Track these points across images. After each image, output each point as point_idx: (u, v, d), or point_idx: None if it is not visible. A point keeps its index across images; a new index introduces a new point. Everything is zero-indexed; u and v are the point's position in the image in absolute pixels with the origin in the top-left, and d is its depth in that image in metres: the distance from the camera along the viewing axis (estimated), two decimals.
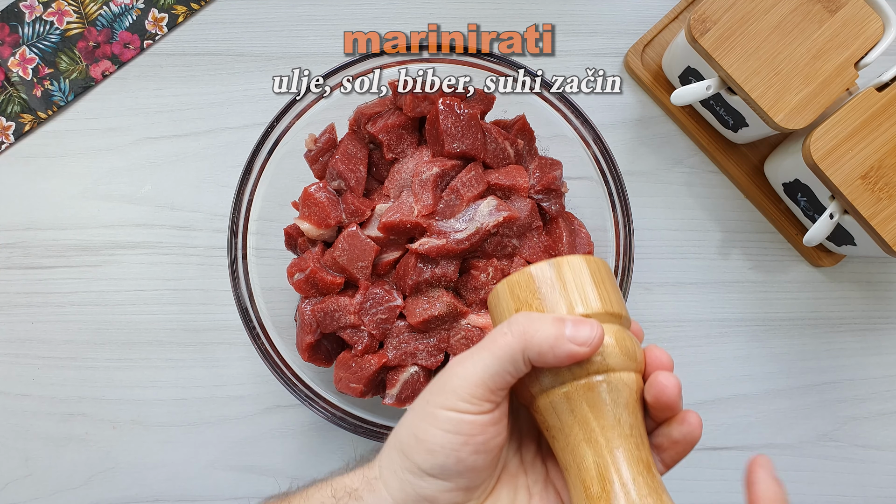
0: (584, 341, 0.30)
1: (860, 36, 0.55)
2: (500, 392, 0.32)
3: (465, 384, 0.31)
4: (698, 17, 0.55)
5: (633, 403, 0.32)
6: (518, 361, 0.31)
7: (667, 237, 0.65)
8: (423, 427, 0.32)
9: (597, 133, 0.53)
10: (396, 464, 0.33)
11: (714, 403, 0.64)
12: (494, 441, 0.32)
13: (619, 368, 0.32)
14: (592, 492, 0.31)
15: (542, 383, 0.32)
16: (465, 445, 0.31)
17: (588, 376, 0.31)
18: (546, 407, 0.32)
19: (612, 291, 0.34)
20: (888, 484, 0.63)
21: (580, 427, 0.32)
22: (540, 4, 0.67)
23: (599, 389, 0.31)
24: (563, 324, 0.31)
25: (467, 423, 0.31)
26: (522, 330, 0.31)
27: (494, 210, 0.50)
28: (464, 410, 0.31)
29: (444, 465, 0.31)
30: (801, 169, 0.57)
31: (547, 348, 0.30)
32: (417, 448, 0.32)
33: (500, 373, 0.31)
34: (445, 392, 0.31)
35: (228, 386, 0.63)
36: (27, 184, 0.65)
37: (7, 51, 0.66)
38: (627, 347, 0.32)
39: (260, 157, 0.53)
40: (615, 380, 0.32)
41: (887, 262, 0.66)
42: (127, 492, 0.62)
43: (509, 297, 0.34)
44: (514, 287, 0.34)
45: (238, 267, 0.53)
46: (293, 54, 0.66)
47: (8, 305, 0.64)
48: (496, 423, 0.32)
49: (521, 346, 0.31)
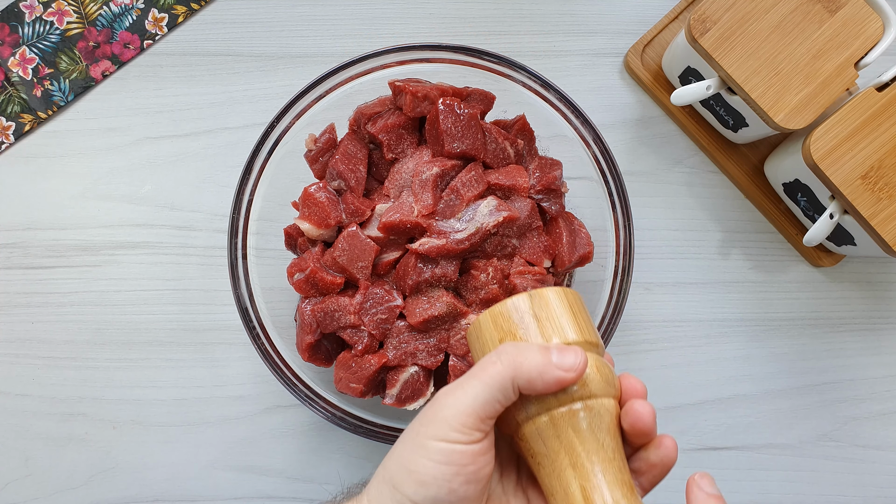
0: (571, 367, 0.31)
1: (860, 36, 0.55)
2: (490, 421, 0.32)
3: (457, 414, 0.31)
4: (698, 17, 0.55)
5: (613, 428, 0.33)
6: (508, 389, 0.32)
7: (667, 237, 0.65)
8: (414, 459, 0.32)
9: (597, 133, 0.53)
10: (386, 497, 0.32)
11: (714, 403, 0.64)
12: (484, 471, 0.32)
13: (601, 394, 0.33)
14: None
15: (529, 411, 0.33)
16: (457, 476, 0.31)
17: (572, 402, 0.33)
18: (532, 434, 0.33)
19: (587, 322, 0.36)
20: (888, 484, 0.63)
21: (566, 452, 0.32)
22: (540, 4, 0.67)
23: (583, 415, 0.33)
24: (549, 352, 0.32)
25: (458, 454, 0.31)
26: (511, 359, 0.32)
27: (494, 210, 0.50)
28: (455, 440, 0.31)
29: (437, 496, 0.31)
30: (801, 169, 0.57)
31: (536, 375, 0.31)
32: (408, 480, 0.32)
33: (491, 401, 0.32)
34: (436, 422, 0.32)
35: (228, 386, 0.63)
36: (27, 184, 0.65)
37: (7, 51, 0.66)
38: (606, 374, 0.34)
39: (260, 157, 0.53)
40: (597, 406, 0.33)
41: (887, 262, 0.66)
42: (127, 492, 0.62)
43: (492, 328, 0.35)
44: (497, 318, 0.35)
45: (238, 267, 0.53)
46: (293, 54, 0.66)
47: (8, 305, 0.64)
48: (486, 453, 0.32)
49: (511, 375, 0.31)
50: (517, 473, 0.37)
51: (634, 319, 0.64)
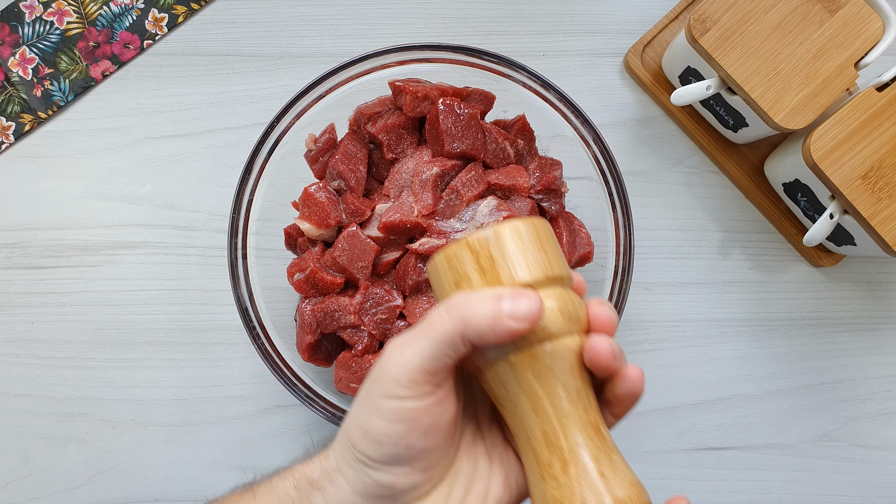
0: (524, 316, 0.30)
1: (860, 36, 0.55)
2: (441, 374, 0.31)
3: (404, 370, 0.30)
4: (698, 17, 0.55)
5: (577, 366, 0.32)
6: (457, 344, 0.30)
7: (667, 237, 0.65)
8: (368, 419, 0.31)
9: (597, 133, 0.53)
10: (349, 455, 0.32)
11: (714, 403, 0.64)
12: (443, 419, 0.31)
13: (563, 334, 0.31)
14: (542, 459, 0.31)
15: (487, 356, 0.32)
16: (412, 431, 0.31)
17: (531, 346, 0.31)
18: (492, 378, 0.32)
19: (553, 253, 0.33)
20: (888, 484, 0.63)
21: (527, 397, 0.31)
22: (540, 4, 0.67)
23: (544, 357, 0.31)
24: (499, 301, 0.30)
25: (411, 410, 0.30)
26: (460, 313, 0.30)
27: (494, 210, 0.50)
28: (405, 397, 0.30)
29: (395, 453, 0.31)
30: (801, 169, 0.57)
31: (487, 329, 0.30)
32: (365, 440, 0.31)
33: (440, 356, 0.30)
34: (384, 380, 0.31)
35: (228, 386, 0.63)
36: (27, 184, 0.65)
37: (7, 51, 0.66)
38: (570, 311, 0.32)
39: (260, 157, 0.53)
40: (559, 346, 0.31)
41: (887, 262, 0.66)
42: (127, 492, 0.62)
43: (448, 271, 0.33)
44: (452, 260, 0.33)
45: (238, 267, 0.53)
46: (293, 54, 0.66)
47: (8, 305, 0.64)
48: (441, 403, 0.31)
49: (460, 330, 0.30)
50: (492, 407, 0.36)
51: (634, 319, 0.64)
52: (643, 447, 0.63)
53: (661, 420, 0.63)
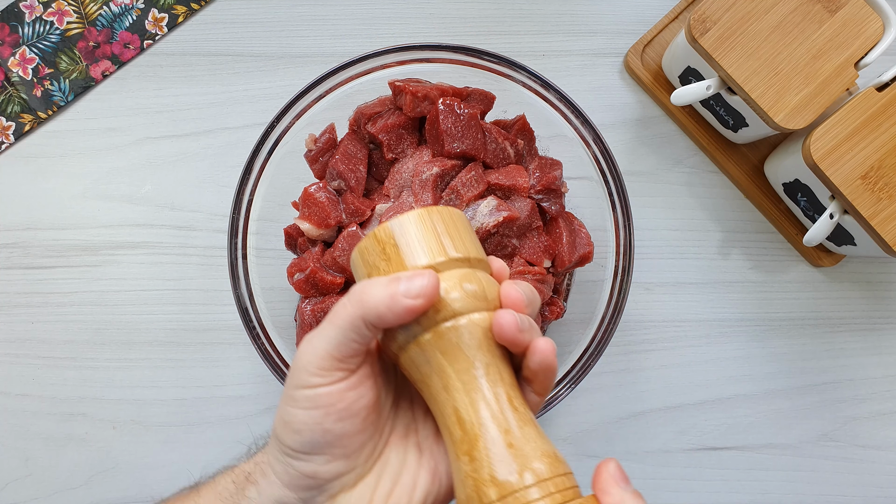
0: (419, 293, 0.31)
1: (860, 36, 0.55)
2: (351, 360, 0.32)
3: (313, 359, 0.32)
4: (698, 17, 0.55)
5: (487, 342, 0.32)
6: (360, 328, 0.32)
7: (667, 237, 0.65)
8: (287, 410, 0.33)
9: (597, 133, 0.53)
10: (275, 448, 0.34)
11: (714, 403, 0.64)
12: (358, 404, 0.32)
13: (468, 311, 0.32)
14: (455, 437, 0.31)
15: (398, 340, 0.33)
16: (327, 416, 0.32)
17: (436, 325, 0.32)
18: (407, 362, 0.33)
19: (459, 237, 0.34)
20: (888, 484, 0.63)
21: (437, 376, 0.32)
22: (540, 4, 0.67)
23: (449, 335, 0.32)
24: (397, 282, 0.31)
25: (323, 396, 0.32)
26: (358, 298, 0.32)
27: (494, 210, 0.50)
28: (316, 385, 0.32)
29: (312, 440, 0.32)
30: (801, 169, 0.57)
31: (384, 309, 0.31)
32: (286, 430, 0.33)
33: (345, 342, 0.32)
34: (297, 371, 0.32)
35: (228, 386, 0.63)
36: (27, 184, 0.65)
37: (7, 51, 0.66)
38: (474, 289, 0.32)
39: (260, 157, 0.53)
40: (465, 323, 0.32)
41: (887, 262, 0.66)
42: (127, 492, 0.62)
43: (361, 264, 0.34)
44: (364, 253, 0.34)
45: (238, 267, 0.53)
46: (293, 54, 0.66)
47: (8, 305, 0.64)
48: (354, 388, 0.32)
49: (360, 313, 0.31)
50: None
51: (634, 319, 0.64)
52: (643, 447, 0.63)
53: (661, 420, 0.63)
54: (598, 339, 0.52)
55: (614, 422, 0.63)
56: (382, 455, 0.34)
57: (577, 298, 0.59)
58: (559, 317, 0.56)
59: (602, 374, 0.63)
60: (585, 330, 0.54)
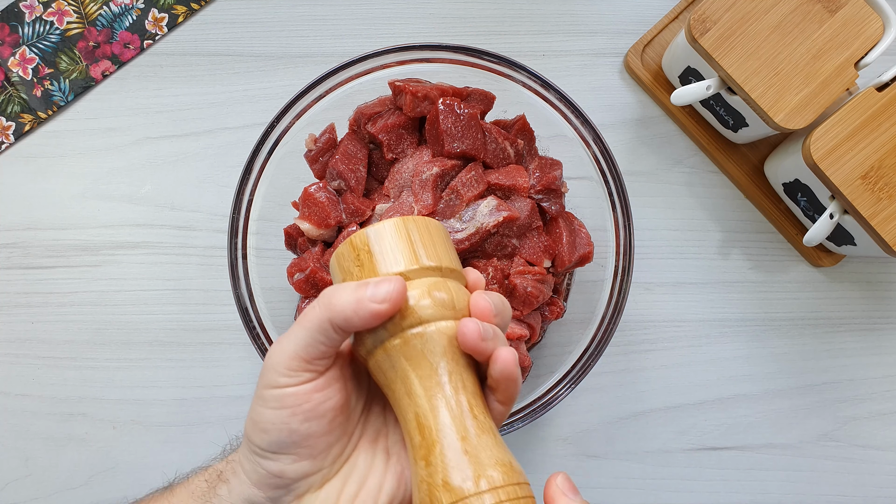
0: (384, 298, 0.31)
1: (860, 36, 0.55)
2: (319, 361, 0.33)
3: (282, 359, 0.33)
4: (698, 17, 0.55)
5: (452, 350, 0.33)
6: (328, 330, 0.32)
7: (667, 237, 0.65)
8: (256, 410, 0.33)
9: (597, 133, 0.53)
10: (245, 448, 0.35)
11: (714, 403, 0.64)
12: (324, 406, 0.33)
13: (434, 318, 0.32)
14: (415, 442, 0.32)
15: (366, 345, 0.33)
16: (293, 416, 0.32)
17: (402, 331, 0.32)
18: (374, 367, 0.34)
19: (433, 247, 0.35)
20: (888, 484, 0.63)
21: (401, 381, 0.33)
22: (540, 4, 0.67)
23: (415, 341, 0.32)
24: (364, 287, 0.32)
25: (290, 396, 0.32)
26: (326, 301, 0.32)
27: (494, 210, 0.50)
28: (283, 385, 0.33)
29: (279, 439, 0.33)
30: (801, 169, 0.57)
31: (351, 312, 0.31)
32: (254, 430, 0.33)
33: (313, 343, 0.32)
34: (267, 372, 0.33)
35: (228, 386, 0.63)
36: (27, 184, 0.65)
37: (7, 51, 0.66)
38: (443, 298, 0.33)
39: (260, 157, 0.53)
40: (431, 330, 0.32)
41: (887, 262, 0.66)
42: (127, 492, 0.62)
43: (337, 269, 0.35)
44: (340, 259, 0.35)
45: (238, 267, 0.53)
46: (293, 54, 0.66)
47: (8, 305, 0.64)
48: (321, 390, 0.33)
49: (327, 316, 0.32)
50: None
51: (634, 319, 0.64)
52: (643, 447, 0.63)
53: (661, 420, 0.63)
54: (598, 339, 0.52)
55: (614, 422, 0.63)
56: (351, 458, 0.35)
57: (577, 298, 0.59)
58: (559, 317, 0.56)
59: (602, 374, 0.63)
60: (585, 330, 0.54)
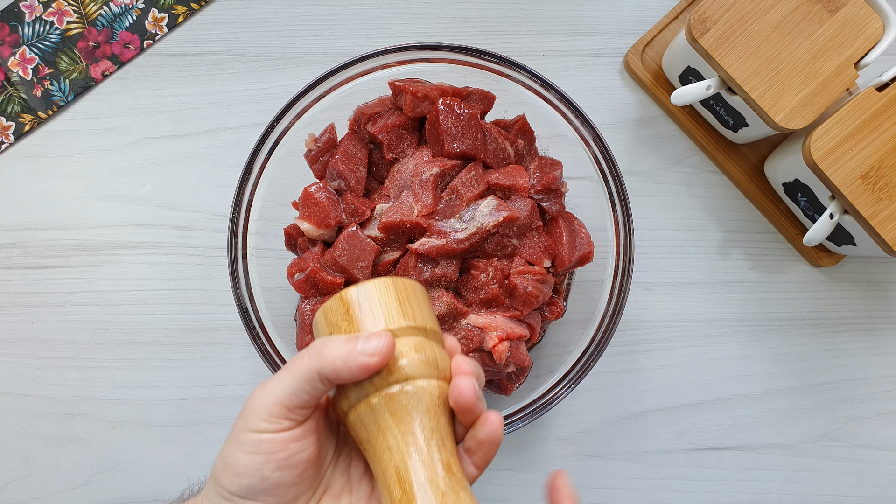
0: (374, 352, 0.32)
1: (860, 36, 0.55)
2: (300, 411, 0.33)
3: (264, 405, 0.33)
4: (698, 17, 0.55)
5: (434, 408, 0.34)
6: (315, 380, 0.33)
7: (667, 237, 0.65)
8: (230, 452, 0.33)
9: (597, 133, 0.53)
10: (212, 490, 0.34)
11: (714, 403, 0.64)
12: (298, 457, 0.33)
13: (419, 376, 0.33)
14: (394, 496, 0.32)
15: (350, 398, 0.34)
16: (267, 463, 0.33)
17: (388, 386, 0.33)
18: (355, 420, 0.34)
19: (418, 307, 0.36)
20: (888, 484, 0.63)
21: (383, 435, 0.33)
22: (540, 4, 0.67)
23: (400, 397, 0.33)
24: (355, 340, 0.33)
25: (267, 442, 0.33)
26: (317, 351, 0.33)
27: (494, 210, 0.50)
28: (262, 430, 0.33)
29: (250, 485, 0.33)
30: (801, 169, 0.57)
31: (340, 364, 0.32)
32: (226, 473, 0.33)
33: (298, 392, 0.33)
34: (247, 415, 0.33)
35: (228, 386, 0.63)
36: (27, 184, 0.65)
37: (7, 51, 0.66)
38: (427, 357, 0.34)
39: (260, 157, 0.53)
40: (416, 387, 0.33)
41: (887, 262, 0.66)
42: (127, 492, 0.62)
43: (324, 323, 0.36)
44: (328, 313, 0.36)
45: (238, 267, 0.53)
46: (293, 54, 0.66)
47: (8, 305, 0.64)
48: (298, 440, 0.33)
49: (317, 366, 0.33)
50: (366, 462, 0.38)
51: (634, 319, 0.64)
52: (643, 447, 0.63)
53: (661, 420, 0.63)
54: (598, 339, 0.52)
55: (614, 422, 0.63)
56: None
57: (577, 298, 0.59)
58: (559, 317, 0.56)
59: (602, 374, 0.63)
60: (585, 330, 0.54)
